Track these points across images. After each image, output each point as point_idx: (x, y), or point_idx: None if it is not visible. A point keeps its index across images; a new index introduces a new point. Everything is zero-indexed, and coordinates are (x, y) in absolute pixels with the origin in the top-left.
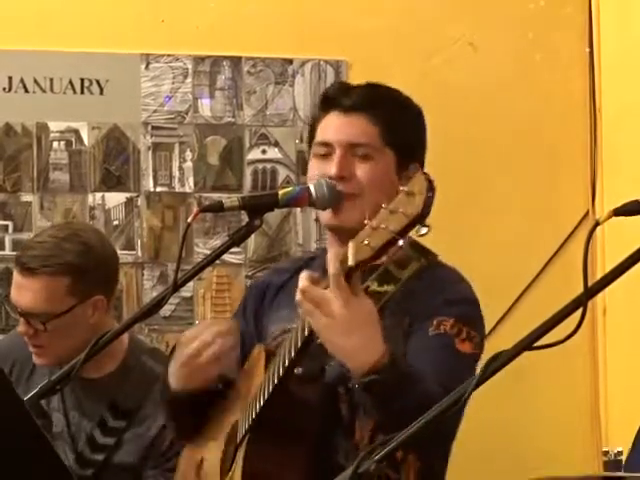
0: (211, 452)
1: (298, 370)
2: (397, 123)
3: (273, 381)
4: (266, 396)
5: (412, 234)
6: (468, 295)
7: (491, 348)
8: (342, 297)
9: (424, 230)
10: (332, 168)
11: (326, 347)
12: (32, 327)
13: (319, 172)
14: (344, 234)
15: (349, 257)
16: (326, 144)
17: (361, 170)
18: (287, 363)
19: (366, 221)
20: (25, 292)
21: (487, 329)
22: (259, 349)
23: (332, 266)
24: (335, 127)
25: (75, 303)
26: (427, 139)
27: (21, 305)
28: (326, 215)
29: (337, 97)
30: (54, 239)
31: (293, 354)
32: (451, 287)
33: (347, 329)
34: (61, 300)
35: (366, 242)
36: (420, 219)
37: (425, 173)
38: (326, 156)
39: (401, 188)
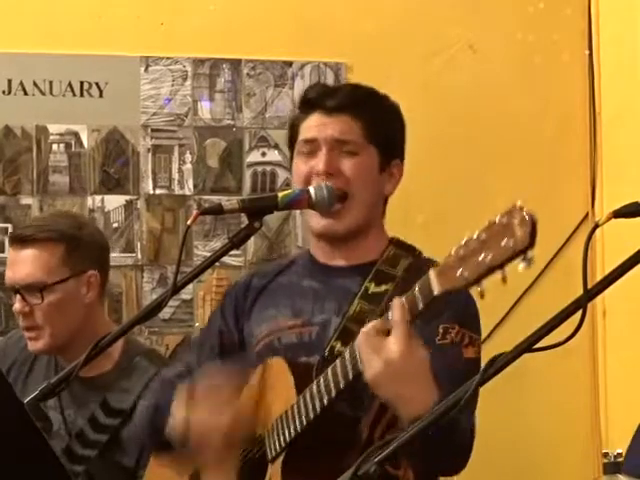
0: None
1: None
2: (379, 121)
3: (315, 407)
4: (306, 420)
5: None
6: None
7: (491, 350)
8: (405, 345)
9: (526, 264)
10: (319, 164)
11: (377, 392)
12: (28, 303)
13: (306, 169)
14: (336, 240)
15: (434, 286)
16: (311, 141)
17: (347, 166)
18: (334, 394)
19: (452, 251)
20: (20, 264)
21: (487, 331)
22: (279, 361)
23: (397, 312)
24: (320, 125)
25: (70, 275)
26: (406, 135)
27: (16, 279)
28: (322, 222)
29: (320, 98)
30: (50, 215)
31: (341, 385)
32: None
33: (404, 378)
34: (56, 269)
35: (459, 273)
36: (521, 253)
37: (522, 207)
38: (311, 154)
39: (497, 220)
